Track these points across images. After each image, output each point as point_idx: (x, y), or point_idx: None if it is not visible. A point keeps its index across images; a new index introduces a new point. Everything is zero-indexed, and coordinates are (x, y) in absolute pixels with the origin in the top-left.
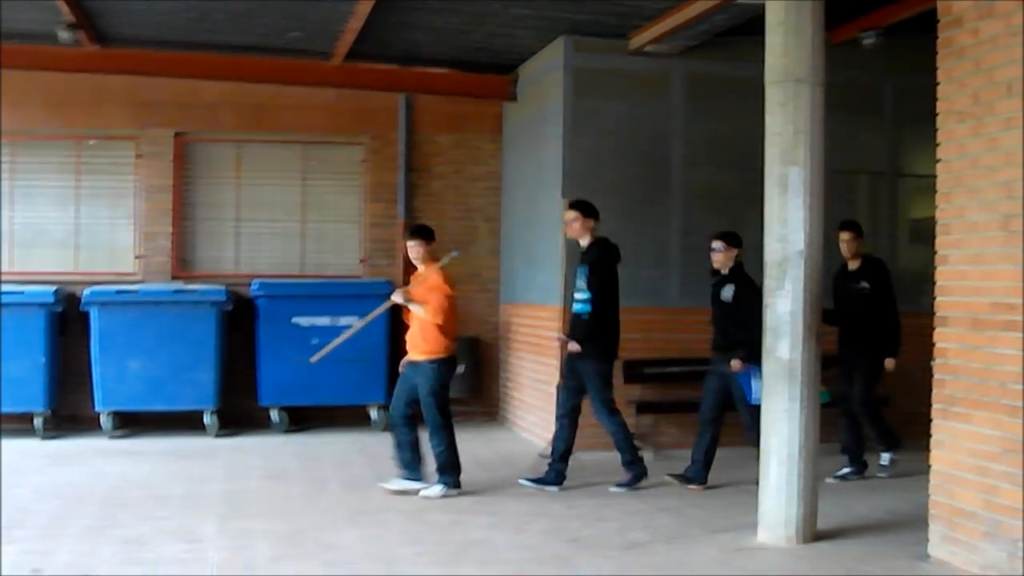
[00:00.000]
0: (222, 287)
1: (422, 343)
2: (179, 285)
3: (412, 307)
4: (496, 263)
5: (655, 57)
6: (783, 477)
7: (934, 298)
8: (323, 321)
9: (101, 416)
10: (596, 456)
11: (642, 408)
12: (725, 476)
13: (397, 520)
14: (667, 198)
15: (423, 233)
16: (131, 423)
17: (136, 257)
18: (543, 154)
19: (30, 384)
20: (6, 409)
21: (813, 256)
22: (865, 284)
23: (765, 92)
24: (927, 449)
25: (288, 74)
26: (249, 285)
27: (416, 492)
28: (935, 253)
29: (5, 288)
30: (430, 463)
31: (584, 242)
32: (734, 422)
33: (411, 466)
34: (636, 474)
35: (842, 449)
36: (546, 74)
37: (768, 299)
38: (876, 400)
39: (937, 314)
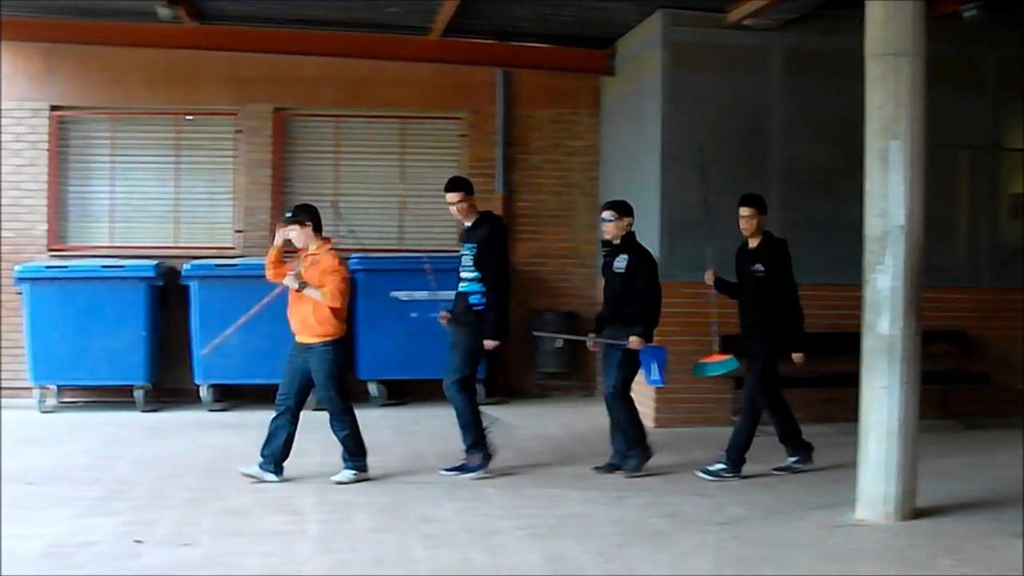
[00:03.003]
0: None
1: (316, 326)
2: None
3: (308, 292)
4: (594, 238)
5: (753, 31)
6: (882, 454)
7: None
8: (422, 295)
9: (201, 389)
10: (695, 431)
11: (740, 383)
12: (821, 454)
13: (495, 494)
14: (766, 173)
15: (310, 214)
16: (230, 396)
17: (235, 231)
18: (641, 129)
19: (131, 357)
20: (107, 382)
21: (914, 231)
22: (760, 267)
23: (865, 65)
24: None
25: (386, 49)
26: (348, 260)
27: (257, 481)
28: None
29: (107, 262)
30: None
31: (469, 221)
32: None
33: (277, 458)
34: (480, 461)
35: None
36: (643, 48)
37: (868, 274)
38: (778, 391)
39: None
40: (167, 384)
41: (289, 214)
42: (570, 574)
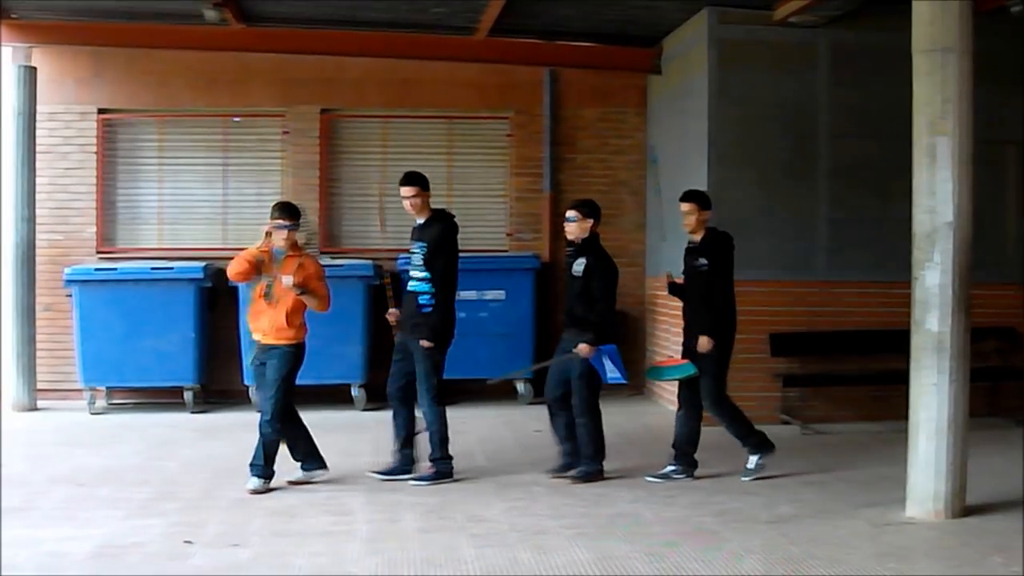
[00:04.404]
0: (369, 262)
1: (287, 329)
2: (327, 260)
3: (306, 297)
4: (642, 237)
5: (800, 27)
6: (931, 451)
7: None
8: (470, 295)
9: (250, 390)
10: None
11: (789, 381)
12: (872, 452)
13: (544, 493)
14: (813, 170)
15: (295, 214)
16: None
17: None
18: (688, 127)
19: (180, 359)
20: (157, 383)
21: (962, 228)
22: (703, 261)
23: (912, 62)
24: None
25: (432, 50)
26: (396, 260)
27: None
28: None
29: (155, 264)
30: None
31: (422, 217)
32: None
33: (312, 454)
34: (440, 472)
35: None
36: (690, 46)
37: (917, 271)
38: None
39: None
40: (216, 385)
41: (286, 214)
42: (619, 574)
